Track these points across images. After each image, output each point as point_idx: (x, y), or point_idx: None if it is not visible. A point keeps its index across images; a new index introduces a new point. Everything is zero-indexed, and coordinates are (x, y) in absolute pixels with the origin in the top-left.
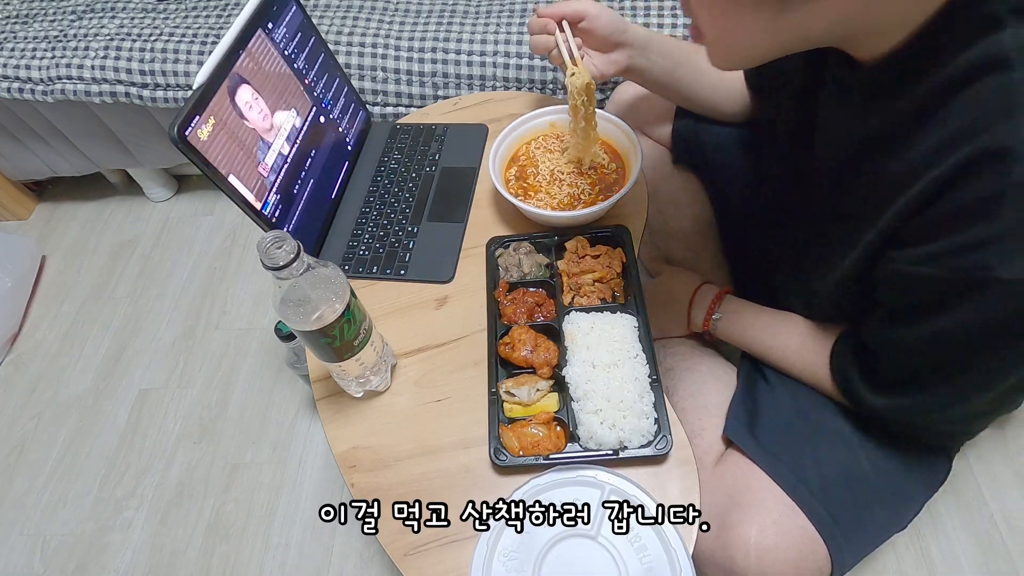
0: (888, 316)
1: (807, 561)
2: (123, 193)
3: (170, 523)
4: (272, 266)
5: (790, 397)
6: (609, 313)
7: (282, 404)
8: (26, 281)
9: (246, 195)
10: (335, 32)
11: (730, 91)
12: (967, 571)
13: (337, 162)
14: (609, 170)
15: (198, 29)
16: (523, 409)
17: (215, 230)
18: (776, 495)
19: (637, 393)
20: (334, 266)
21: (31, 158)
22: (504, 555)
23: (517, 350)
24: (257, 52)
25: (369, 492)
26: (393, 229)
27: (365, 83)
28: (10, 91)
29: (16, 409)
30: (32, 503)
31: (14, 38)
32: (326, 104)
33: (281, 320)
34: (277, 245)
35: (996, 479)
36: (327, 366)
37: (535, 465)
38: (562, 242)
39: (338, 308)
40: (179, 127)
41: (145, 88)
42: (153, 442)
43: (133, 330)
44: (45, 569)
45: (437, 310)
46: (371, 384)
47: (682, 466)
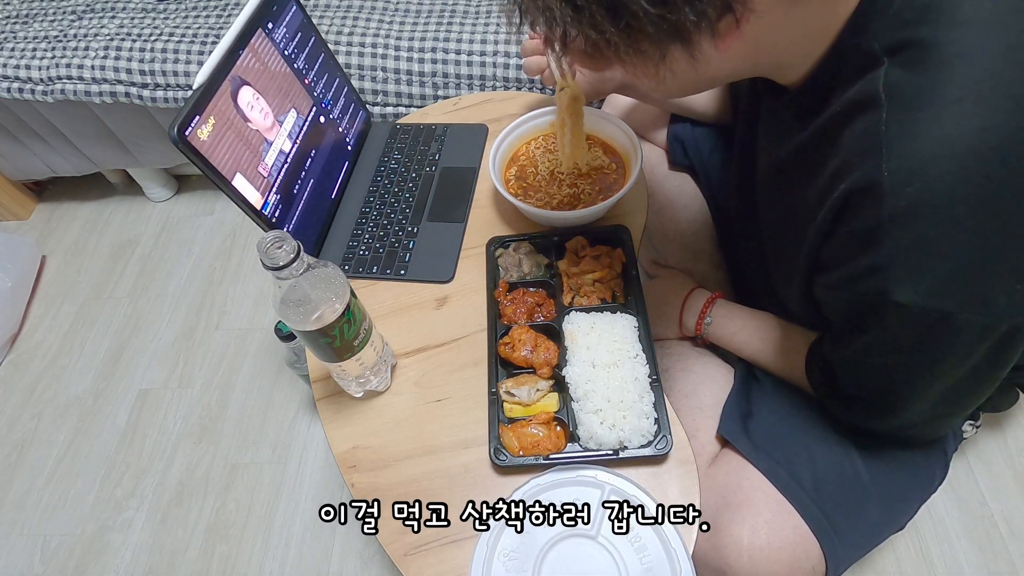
0: (832, 334)
1: (800, 561)
2: (123, 193)
3: (170, 523)
4: (272, 266)
5: (784, 398)
6: (609, 313)
7: (282, 404)
8: (26, 281)
9: (246, 195)
10: (335, 32)
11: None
12: (967, 571)
13: (337, 162)
14: (609, 170)
15: (198, 29)
16: (523, 409)
17: (215, 230)
18: (768, 495)
19: (637, 393)
20: (334, 266)
21: (31, 158)
22: (504, 555)
23: (517, 350)
24: (257, 52)
25: (369, 492)
26: (393, 229)
27: (365, 83)
28: (10, 91)
29: (16, 409)
30: (32, 503)
31: (14, 38)
32: (326, 104)
33: (281, 320)
34: (277, 245)
35: (996, 479)
36: (327, 366)
37: (535, 465)
38: (562, 242)
39: (338, 308)
40: (179, 127)
41: (145, 88)
42: (153, 442)
43: (133, 330)
44: (45, 569)
45: (437, 310)
46: (371, 384)
47: (682, 466)
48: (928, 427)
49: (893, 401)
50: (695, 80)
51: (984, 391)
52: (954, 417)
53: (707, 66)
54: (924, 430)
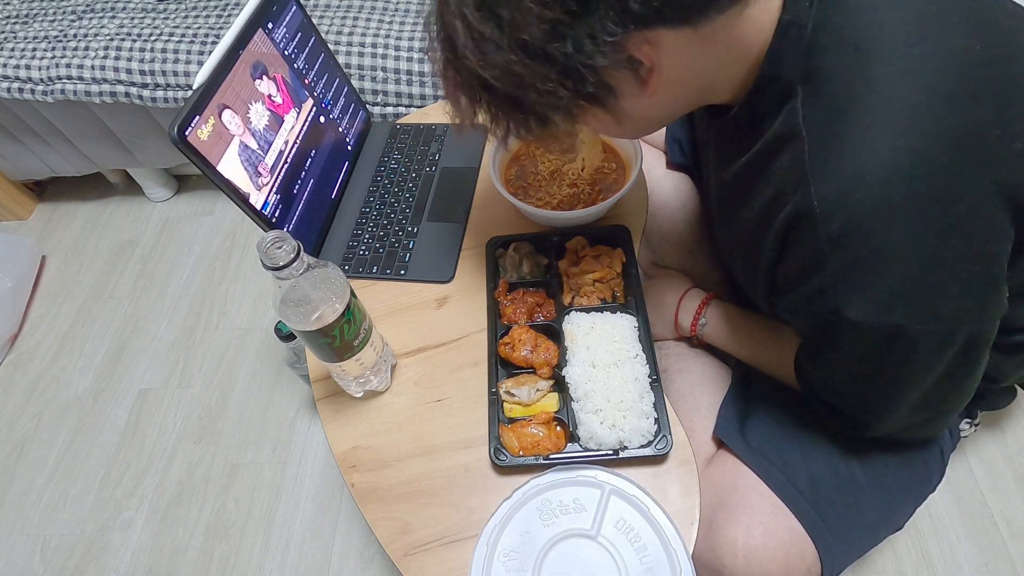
0: (803, 349)
1: (795, 561)
2: (123, 193)
3: (170, 523)
4: (272, 266)
5: (780, 399)
6: (609, 313)
7: (282, 404)
8: (26, 281)
9: (246, 195)
10: (335, 32)
11: None
12: (967, 571)
13: (337, 162)
14: (609, 170)
15: (198, 29)
16: (523, 409)
17: (215, 230)
18: (763, 495)
19: (637, 393)
20: (334, 266)
21: (31, 158)
22: (504, 555)
23: (517, 350)
24: (257, 52)
25: (369, 492)
26: (393, 229)
27: (365, 83)
28: (10, 91)
29: (16, 409)
30: (32, 503)
31: (14, 38)
32: (326, 104)
33: (281, 320)
34: (277, 245)
35: (996, 479)
36: (327, 366)
37: (535, 465)
38: (562, 242)
39: (338, 308)
40: (179, 127)
41: (145, 88)
42: (153, 442)
43: (133, 330)
44: (45, 569)
45: (437, 310)
46: (371, 384)
47: (682, 466)
48: (918, 430)
49: (871, 410)
50: (635, 128)
51: (964, 393)
52: (941, 420)
53: (640, 113)
54: (915, 433)
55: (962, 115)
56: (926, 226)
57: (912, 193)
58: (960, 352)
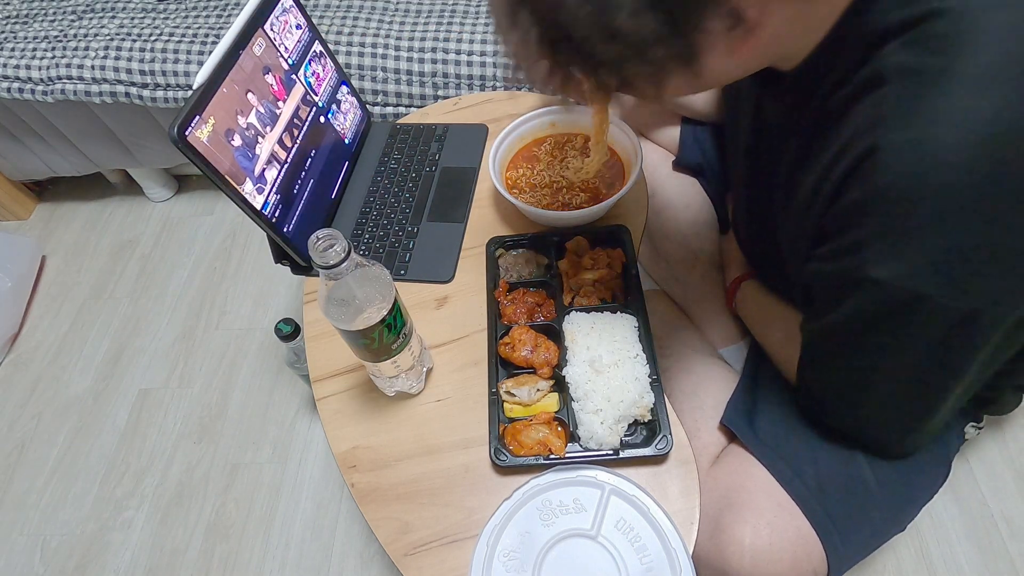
0: (810, 310)
1: (802, 562)
2: (123, 193)
3: (170, 523)
4: (324, 265)
5: (789, 399)
6: (609, 313)
7: (282, 404)
8: (26, 281)
9: (246, 195)
10: (335, 32)
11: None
12: (967, 571)
13: (337, 162)
14: (609, 170)
15: (198, 29)
16: (523, 409)
17: (215, 230)
18: (771, 495)
19: (637, 393)
20: (381, 266)
21: (31, 158)
22: (504, 555)
23: (517, 350)
24: (257, 52)
25: (369, 492)
26: (393, 229)
27: (365, 83)
28: (10, 91)
29: (16, 409)
30: (32, 503)
31: (14, 38)
32: (326, 104)
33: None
34: (329, 243)
35: (996, 479)
36: (362, 361)
37: (535, 465)
38: (562, 242)
39: (383, 309)
40: (179, 127)
41: (145, 88)
42: (153, 442)
43: (133, 330)
44: (45, 569)
45: (437, 310)
46: (404, 386)
47: (682, 466)
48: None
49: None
50: (704, 85)
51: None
52: (927, 421)
53: (718, 72)
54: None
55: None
56: (997, 202)
57: (1003, 161)
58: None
